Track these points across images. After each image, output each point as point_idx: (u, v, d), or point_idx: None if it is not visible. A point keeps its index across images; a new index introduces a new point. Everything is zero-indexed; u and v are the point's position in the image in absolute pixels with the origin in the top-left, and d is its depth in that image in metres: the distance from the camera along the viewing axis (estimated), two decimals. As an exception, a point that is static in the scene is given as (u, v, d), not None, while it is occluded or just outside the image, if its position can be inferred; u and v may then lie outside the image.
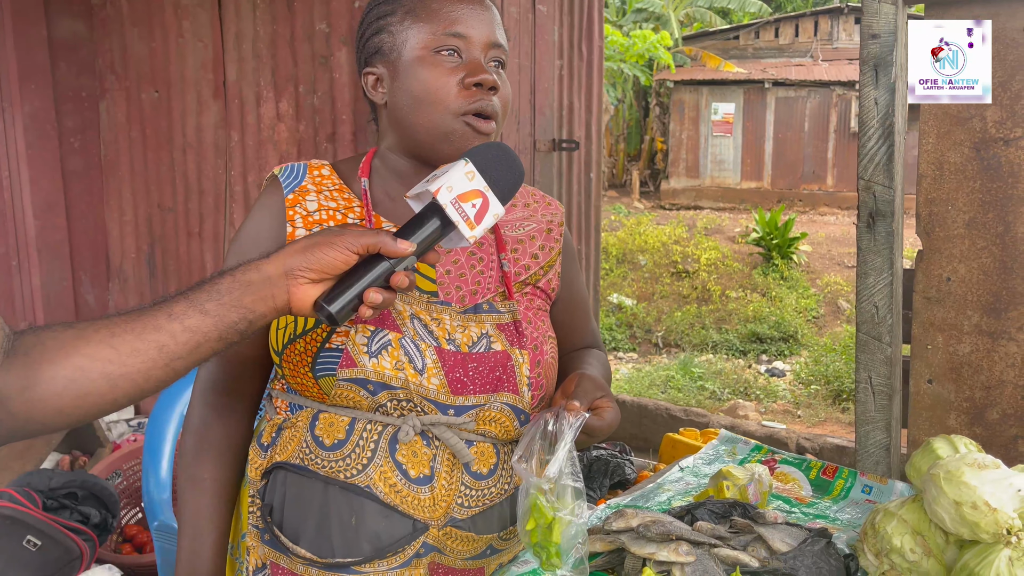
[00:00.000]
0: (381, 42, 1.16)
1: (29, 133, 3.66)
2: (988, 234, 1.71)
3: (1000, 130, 1.68)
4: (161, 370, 0.91)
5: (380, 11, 1.17)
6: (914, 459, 1.48)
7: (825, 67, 16.28)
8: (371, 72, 1.18)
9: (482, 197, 0.99)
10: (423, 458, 1.14)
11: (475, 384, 1.14)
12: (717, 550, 1.40)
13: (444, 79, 1.11)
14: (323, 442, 1.15)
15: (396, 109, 1.15)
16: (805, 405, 6.91)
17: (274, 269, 0.95)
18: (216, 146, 3.67)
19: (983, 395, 1.76)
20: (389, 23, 1.15)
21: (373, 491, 1.13)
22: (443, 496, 1.15)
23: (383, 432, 1.13)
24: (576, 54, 4.44)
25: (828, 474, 1.84)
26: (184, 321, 0.91)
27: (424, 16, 1.12)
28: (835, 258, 11.30)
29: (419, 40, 1.12)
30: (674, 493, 1.78)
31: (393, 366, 1.10)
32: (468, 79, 1.11)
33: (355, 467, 1.13)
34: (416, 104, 1.12)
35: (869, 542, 1.42)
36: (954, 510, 1.29)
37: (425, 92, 1.11)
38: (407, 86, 1.13)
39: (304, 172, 1.21)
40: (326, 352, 1.11)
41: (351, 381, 1.11)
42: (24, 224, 3.74)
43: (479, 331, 1.17)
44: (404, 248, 0.96)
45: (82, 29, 3.83)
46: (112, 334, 0.89)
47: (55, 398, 0.87)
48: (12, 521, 2.17)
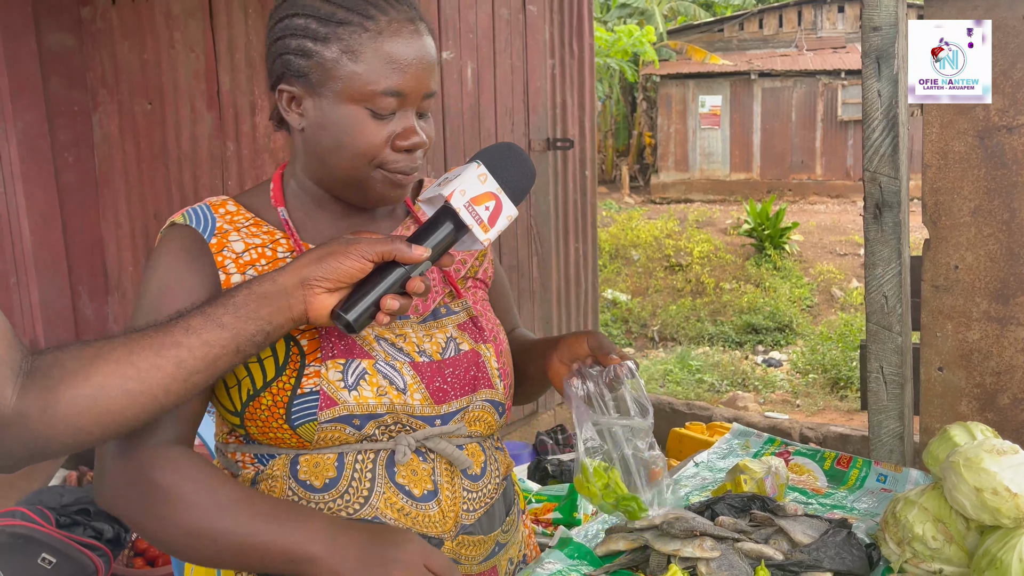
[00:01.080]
0: (307, 68, 1.04)
1: (23, 148, 3.65)
2: (994, 221, 1.73)
3: (1003, 118, 1.69)
4: (180, 384, 0.91)
5: (309, 29, 1.04)
6: (931, 447, 1.50)
7: (810, 56, 16.34)
8: (287, 90, 1.07)
9: (495, 199, 0.98)
10: (423, 474, 1.12)
11: (455, 389, 1.14)
12: (741, 544, 1.41)
13: (373, 136, 1.04)
14: (312, 485, 1.08)
15: (314, 142, 1.08)
16: (803, 394, 6.95)
17: (289, 280, 0.95)
18: (212, 156, 3.66)
19: (994, 381, 1.78)
20: (319, 52, 1.03)
21: (382, 520, 1.09)
22: (450, 507, 1.14)
23: (376, 459, 1.09)
24: (568, 52, 4.45)
25: (843, 464, 1.85)
26: (202, 335, 0.91)
27: (362, 62, 1.02)
28: (827, 246, 11.36)
29: (352, 87, 1.02)
30: (691, 489, 1.79)
31: (376, 393, 1.07)
32: (399, 142, 1.05)
33: (356, 502, 1.09)
34: (337, 148, 1.05)
35: (890, 531, 1.43)
36: (975, 496, 1.30)
37: (351, 143, 1.04)
38: (332, 129, 1.05)
39: (210, 213, 1.12)
40: (300, 399, 1.05)
41: (335, 421, 1.05)
42: (21, 240, 3.73)
43: (444, 336, 1.16)
44: (420, 254, 0.96)
45: (72, 42, 3.81)
46: (130, 351, 0.90)
47: (76, 417, 0.87)
48: (27, 539, 2.17)
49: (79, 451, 0.92)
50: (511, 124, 4.03)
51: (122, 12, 3.74)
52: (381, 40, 1.02)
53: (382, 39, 1.02)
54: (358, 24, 1.02)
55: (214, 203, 1.14)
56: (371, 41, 1.02)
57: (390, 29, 1.03)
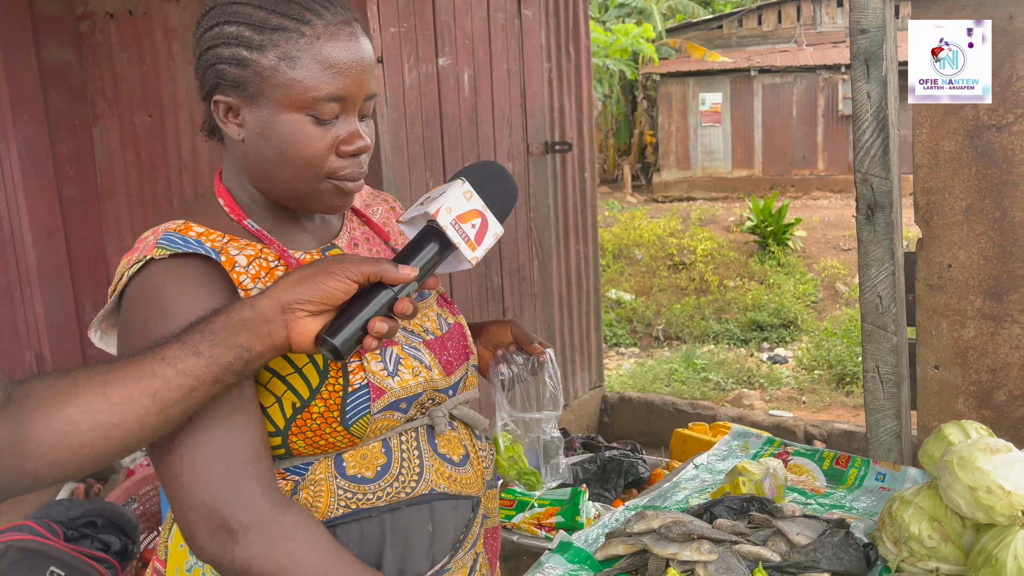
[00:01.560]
0: (243, 78, 1.01)
1: (24, 162, 3.67)
2: (986, 220, 1.74)
3: (992, 117, 1.70)
4: (155, 417, 0.86)
5: (243, 37, 1.00)
6: (926, 446, 1.51)
7: (810, 52, 16.31)
8: (223, 101, 1.03)
9: (481, 217, 0.97)
10: (455, 442, 1.17)
11: (456, 359, 1.19)
12: (739, 547, 1.42)
13: (317, 144, 1.01)
14: (364, 477, 1.07)
15: (256, 155, 1.04)
16: (809, 391, 6.94)
17: (269, 305, 0.89)
18: (211, 168, 3.68)
19: (989, 378, 1.79)
20: (255, 60, 1.00)
21: (438, 490, 1.12)
22: (478, 467, 1.19)
23: (417, 436, 1.13)
24: (564, 56, 4.46)
25: (841, 464, 1.86)
26: (177, 365, 0.86)
27: (300, 69, 0.99)
28: (830, 241, 11.33)
29: (291, 95, 0.99)
30: (691, 491, 1.81)
31: (412, 374, 1.11)
32: (343, 147, 1.03)
33: (411, 481, 1.10)
34: (281, 160, 1.03)
35: (887, 530, 1.44)
36: (969, 495, 1.31)
37: (295, 154, 1.02)
38: (273, 140, 1.02)
39: (188, 239, 1.03)
40: (352, 395, 1.04)
41: (385, 410, 1.07)
42: (24, 253, 3.75)
43: (434, 313, 1.21)
44: (408, 274, 0.92)
45: (72, 56, 3.84)
46: (104, 382, 0.85)
47: (50, 451, 0.83)
48: (35, 554, 2.19)
49: (56, 484, 0.90)
50: (509, 129, 4.04)
51: (121, 26, 3.76)
52: (319, 45, 1.00)
53: (320, 44, 1.00)
54: (294, 30, 0.99)
55: (179, 227, 1.04)
56: (309, 47, 0.99)
57: (327, 33, 1.00)
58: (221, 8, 1.03)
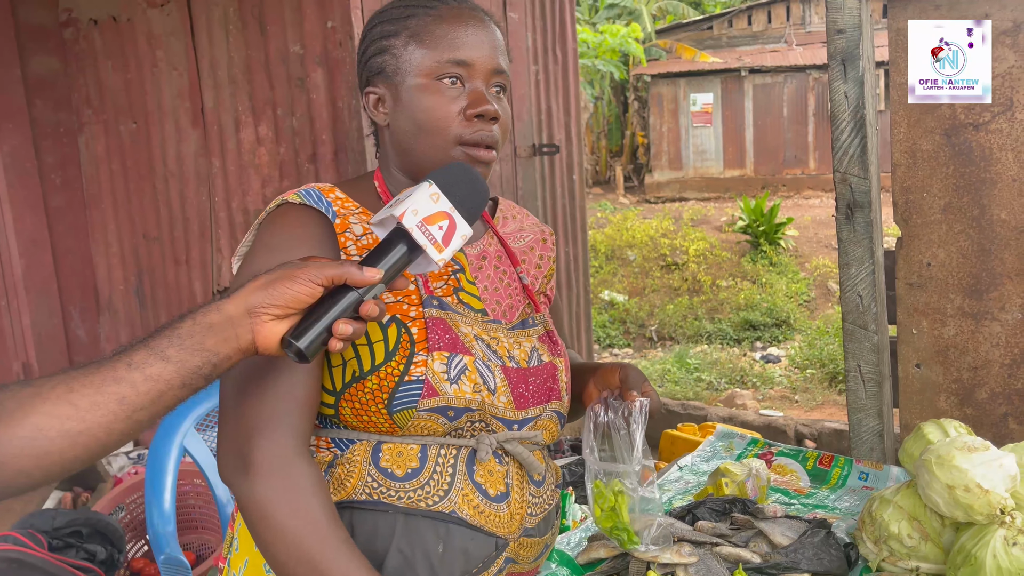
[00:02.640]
0: (384, 63, 1.14)
1: (9, 172, 3.66)
2: (964, 218, 1.74)
3: (969, 115, 1.70)
4: (123, 423, 0.86)
5: (383, 30, 1.16)
6: (906, 445, 1.50)
7: (800, 51, 16.35)
8: (372, 92, 1.17)
9: (448, 219, 0.97)
10: (498, 476, 1.15)
11: (534, 397, 1.18)
12: (719, 548, 1.42)
13: (446, 108, 1.11)
14: (393, 473, 1.10)
15: (398, 132, 1.15)
16: (802, 390, 6.95)
17: (235, 308, 0.90)
18: (198, 174, 3.67)
19: (971, 376, 1.79)
20: (392, 44, 1.14)
21: (459, 515, 1.11)
22: (517, 510, 1.16)
23: (458, 455, 1.12)
24: (551, 58, 4.46)
25: (825, 463, 1.86)
26: (145, 370, 0.86)
27: (427, 41, 1.12)
28: (822, 240, 11.35)
29: (422, 66, 1.12)
30: (674, 493, 1.80)
31: (472, 389, 1.10)
32: (470, 110, 1.11)
33: (436, 494, 1.10)
34: (417, 130, 1.12)
35: (867, 530, 1.44)
36: (947, 494, 1.31)
37: (427, 120, 1.11)
38: (409, 111, 1.12)
39: (324, 197, 1.14)
40: (406, 385, 1.07)
41: (431, 411, 1.08)
42: (11, 263, 3.74)
43: (530, 345, 1.21)
44: (371, 277, 0.92)
45: (56, 64, 3.83)
46: (70, 389, 0.85)
47: (15, 460, 0.83)
48: (19, 564, 2.17)
49: (23, 493, 0.89)
50: (496, 131, 4.04)
51: (104, 33, 3.75)
52: (443, 21, 1.12)
53: (444, 20, 1.12)
54: (423, 14, 1.13)
55: (323, 188, 1.15)
56: (434, 23, 1.12)
57: (451, 13, 1.13)
58: (373, 18, 1.19)
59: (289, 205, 1.13)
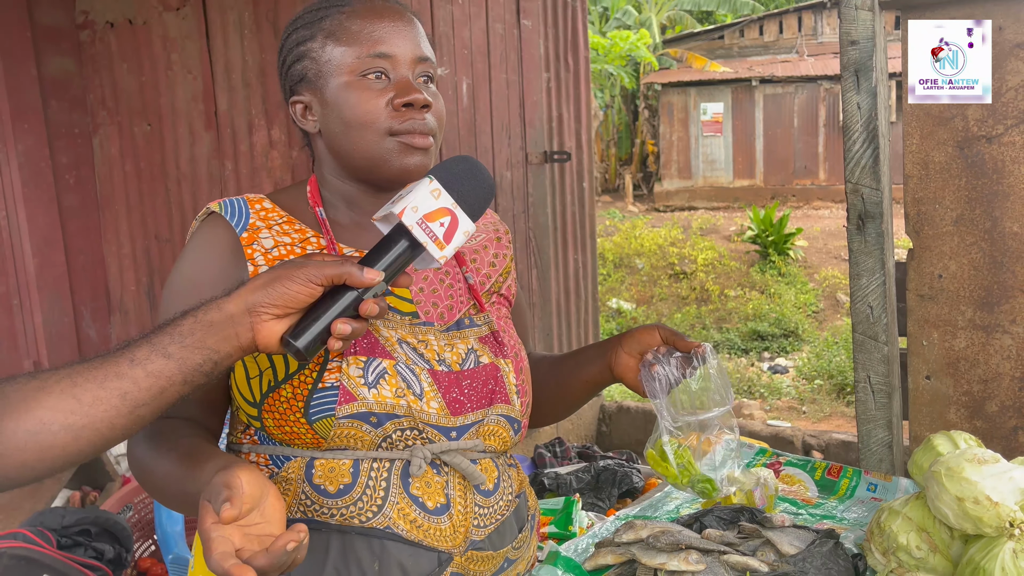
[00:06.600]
0: (304, 69, 1.11)
1: (24, 172, 3.69)
2: (976, 230, 1.74)
3: (982, 128, 1.71)
4: (125, 418, 0.88)
5: (299, 36, 1.12)
6: (915, 456, 1.50)
7: (811, 62, 16.35)
8: (298, 101, 1.13)
9: (450, 215, 0.94)
10: (436, 487, 1.11)
11: (472, 401, 1.13)
12: (727, 557, 1.42)
13: (373, 102, 1.08)
14: (326, 490, 1.08)
15: (329, 136, 1.12)
16: (810, 401, 6.93)
17: (236, 307, 0.91)
18: (210, 176, 3.70)
19: (981, 388, 1.78)
20: (310, 49, 1.11)
21: (395, 530, 1.08)
22: (461, 522, 1.13)
23: (391, 468, 1.09)
24: (563, 66, 4.48)
25: (833, 474, 1.85)
26: (147, 366, 0.87)
27: (344, 38, 1.09)
28: (831, 251, 11.33)
29: (343, 64, 1.08)
30: (682, 501, 1.80)
31: (394, 394, 1.07)
32: (397, 100, 1.07)
33: (369, 510, 1.08)
34: (347, 130, 1.09)
35: (876, 541, 1.44)
36: (957, 506, 1.31)
37: (354, 116, 1.08)
38: (336, 112, 1.09)
39: (246, 208, 1.14)
40: (320, 392, 1.05)
41: (352, 417, 1.05)
42: (24, 262, 3.76)
43: (465, 347, 1.16)
44: (372, 278, 0.91)
45: (72, 66, 3.86)
46: (73, 384, 0.86)
47: (18, 452, 0.84)
48: (28, 561, 2.19)
49: (25, 485, 0.90)
50: (508, 138, 4.05)
51: (120, 36, 3.78)
52: (357, 16, 1.09)
53: (358, 15, 1.09)
54: (336, 12, 1.10)
55: (251, 199, 1.16)
56: (348, 20, 1.09)
57: (365, 8, 1.10)
58: (288, 27, 1.16)
59: (212, 215, 1.14)
